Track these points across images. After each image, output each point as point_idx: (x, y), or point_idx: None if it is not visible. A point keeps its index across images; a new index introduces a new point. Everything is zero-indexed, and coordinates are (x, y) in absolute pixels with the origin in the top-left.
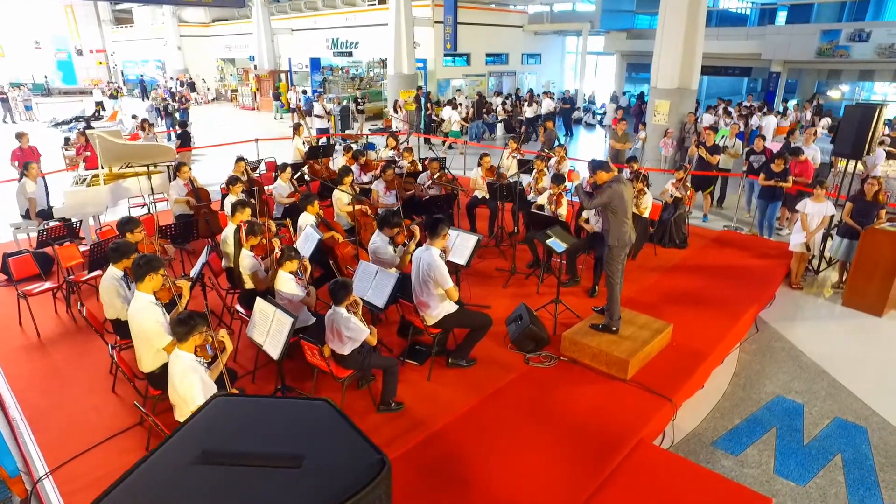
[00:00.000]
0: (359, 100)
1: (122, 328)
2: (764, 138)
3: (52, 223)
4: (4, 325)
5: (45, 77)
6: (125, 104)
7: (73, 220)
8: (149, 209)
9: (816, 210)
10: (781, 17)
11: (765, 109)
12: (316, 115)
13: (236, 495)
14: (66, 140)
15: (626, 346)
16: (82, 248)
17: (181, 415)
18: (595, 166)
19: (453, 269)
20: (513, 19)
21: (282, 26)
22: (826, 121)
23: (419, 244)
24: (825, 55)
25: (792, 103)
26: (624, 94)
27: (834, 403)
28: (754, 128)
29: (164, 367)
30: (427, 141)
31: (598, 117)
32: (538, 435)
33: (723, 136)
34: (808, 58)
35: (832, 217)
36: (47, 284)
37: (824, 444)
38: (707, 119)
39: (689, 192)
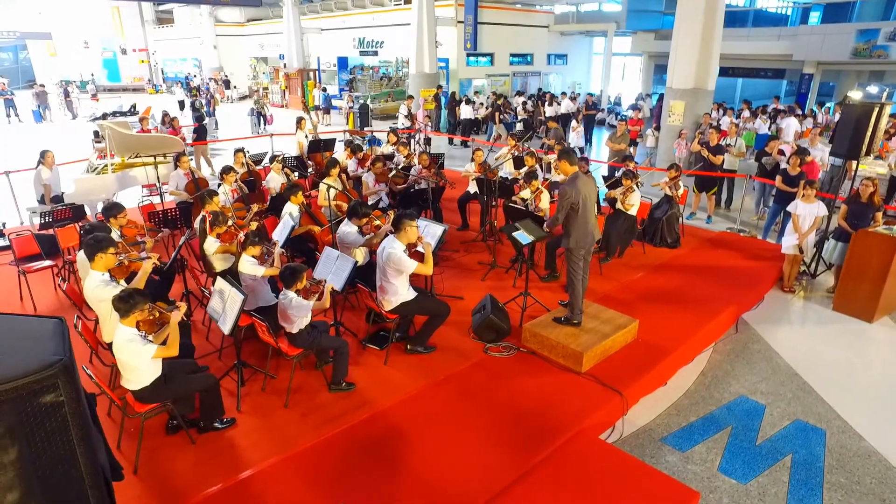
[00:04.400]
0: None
1: None
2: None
3: (58, 207)
4: (6, 299)
5: (92, 75)
6: (166, 101)
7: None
8: (161, 197)
9: (808, 211)
10: (815, 17)
11: (797, 112)
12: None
13: None
14: (96, 133)
15: (584, 340)
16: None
17: (125, 381)
18: (560, 155)
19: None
20: (538, 19)
21: (312, 26)
22: None
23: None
24: (861, 56)
25: (825, 107)
26: (649, 95)
27: (798, 406)
28: (766, 131)
29: None
30: (450, 141)
31: (622, 119)
32: (477, 420)
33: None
34: (843, 58)
35: (826, 218)
36: (46, 263)
37: (777, 444)
38: (724, 121)
39: (681, 192)
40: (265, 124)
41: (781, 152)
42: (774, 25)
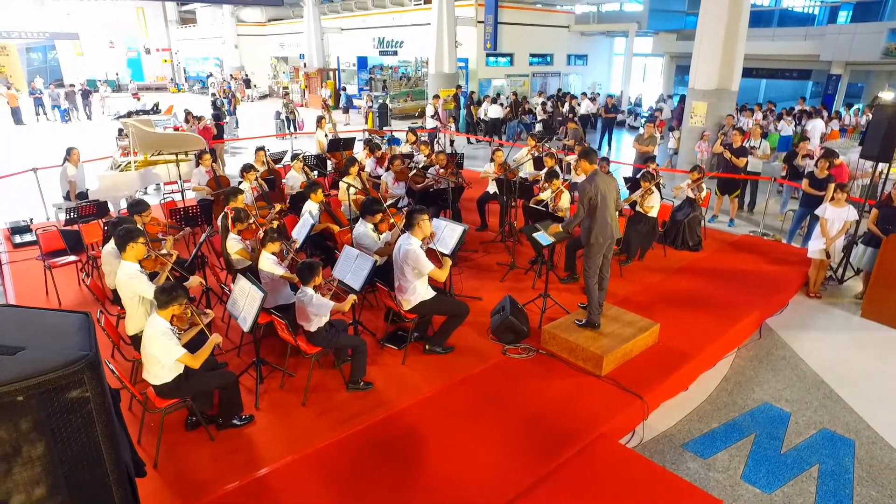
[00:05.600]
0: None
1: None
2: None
3: (83, 204)
4: (33, 294)
5: (117, 74)
6: (188, 99)
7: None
8: (182, 195)
9: (837, 215)
10: (843, 16)
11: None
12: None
13: None
14: (120, 131)
15: (604, 343)
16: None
17: (147, 373)
18: (580, 154)
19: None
20: (559, 19)
21: (332, 25)
22: None
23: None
24: (893, 55)
25: (853, 108)
26: (670, 97)
27: (825, 414)
28: (790, 133)
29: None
30: (469, 141)
31: (643, 121)
32: (495, 422)
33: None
34: (874, 58)
35: (855, 223)
36: (71, 258)
37: (803, 454)
38: (743, 122)
39: (704, 194)
40: (295, 129)
41: (809, 155)
42: (801, 25)
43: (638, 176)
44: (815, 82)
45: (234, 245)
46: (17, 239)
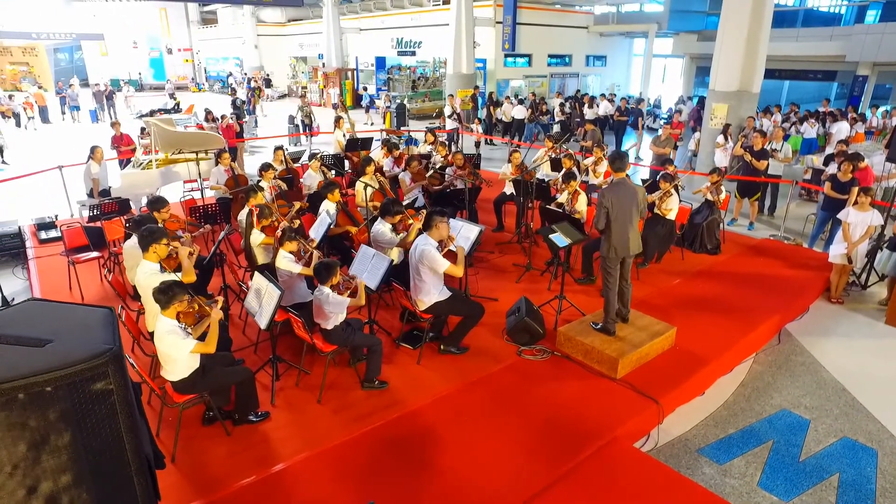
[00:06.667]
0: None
1: None
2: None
3: (106, 201)
4: (57, 288)
5: (140, 74)
6: (208, 99)
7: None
8: (202, 193)
9: (860, 219)
10: (871, 16)
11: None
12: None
13: None
14: (142, 129)
15: (620, 346)
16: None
17: (164, 371)
18: (609, 159)
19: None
20: (577, 20)
21: (351, 26)
22: None
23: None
24: None
25: (881, 110)
26: (690, 98)
27: (846, 423)
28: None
29: None
30: (489, 141)
31: (662, 122)
32: (509, 423)
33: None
34: None
35: (880, 227)
36: (93, 254)
37: (822, 462)
38: (765, 124)
39: (723, 197)
40: (310, 134)
41: (831, 158)
42: (826, 25)
43: (658, 178)
44: (841, 83)
45: (258, 239)
46: (43, 235)
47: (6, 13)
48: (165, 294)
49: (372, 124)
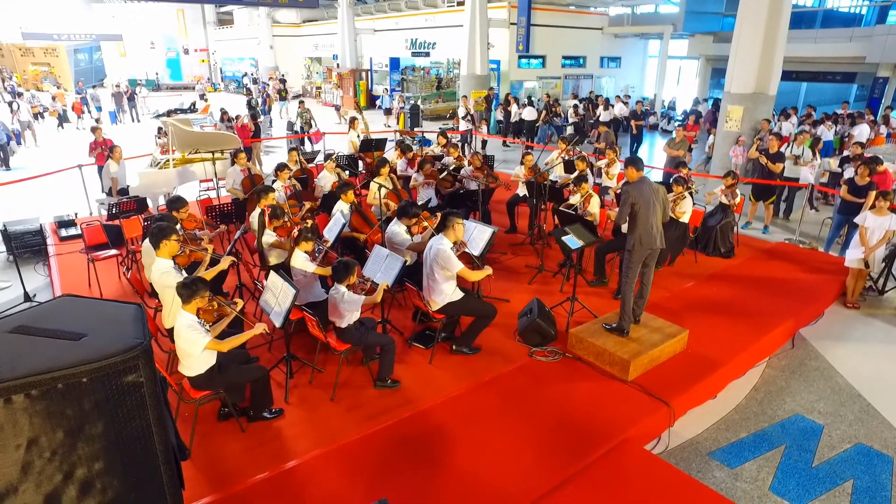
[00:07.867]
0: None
1: None
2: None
3: (124, 200)
4: (77, 285)
5: (157, 74)
6: (224, 99)
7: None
8: (218, 192)
9: (878, 224)
10: (894, 17)
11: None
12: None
13: (28, 351)
14: (159, 129)
15: (632, 348)
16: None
17: (181, 366)
18: (626, 163)
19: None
20: (592, 21)
21: (365, 27)
22: None
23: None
24: None
25: None
26: (705, 100)
27: (861, 429)
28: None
29: None
30: (504, 143)
31: (676, 124)
32: (520, 424)
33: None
34: None
35: None
36: (112, 252)
37: (836, 468)
38: (785, 127)
39: (738, 200)
40: (311, 143)
41: (847, 159)
42: (846, 26)
43: (671, 180)
44: (860, 85)
45: (271, 239)
46: (63, 232)
47: (29, 15)
48: (188, 288)
49: (388, 125)
